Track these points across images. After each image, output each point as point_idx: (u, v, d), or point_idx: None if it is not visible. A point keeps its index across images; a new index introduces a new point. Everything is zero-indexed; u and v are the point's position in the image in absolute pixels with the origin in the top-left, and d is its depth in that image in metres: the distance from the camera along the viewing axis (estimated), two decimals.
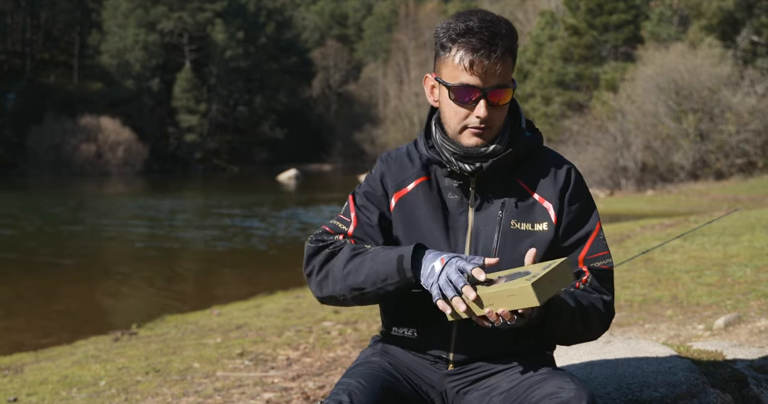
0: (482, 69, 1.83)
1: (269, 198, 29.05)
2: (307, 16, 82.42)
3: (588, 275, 1.95)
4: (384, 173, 2.04)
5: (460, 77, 1.86)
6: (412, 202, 2.00)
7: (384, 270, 1.84)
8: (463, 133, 1.92)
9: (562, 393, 1.74)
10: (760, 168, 26.96)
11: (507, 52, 1.85)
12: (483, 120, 1.88)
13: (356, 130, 66.63)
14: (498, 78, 1.85)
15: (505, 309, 1.68)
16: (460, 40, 1.84)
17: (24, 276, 11.03)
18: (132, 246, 15.09)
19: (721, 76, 27.22)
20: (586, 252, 1.96)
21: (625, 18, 34.42)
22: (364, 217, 2.00)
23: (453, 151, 1.94)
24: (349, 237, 1.99)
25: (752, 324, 4.37)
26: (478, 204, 1.97)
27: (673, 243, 8.55)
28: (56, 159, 49.52)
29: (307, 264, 1.99)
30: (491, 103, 1.87)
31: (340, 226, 2.02)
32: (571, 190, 1.98)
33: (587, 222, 1.98)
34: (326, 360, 4.71)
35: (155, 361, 5.09)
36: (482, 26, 1.84)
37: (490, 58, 1.83)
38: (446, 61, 1.88)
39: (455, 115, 1.91)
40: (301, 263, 2.02)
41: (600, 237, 1.98)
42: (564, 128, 33.16)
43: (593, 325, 1.92)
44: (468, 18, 1.86)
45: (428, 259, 1.80)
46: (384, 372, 1.94)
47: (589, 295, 1.93)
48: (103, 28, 61.72)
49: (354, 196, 2.05)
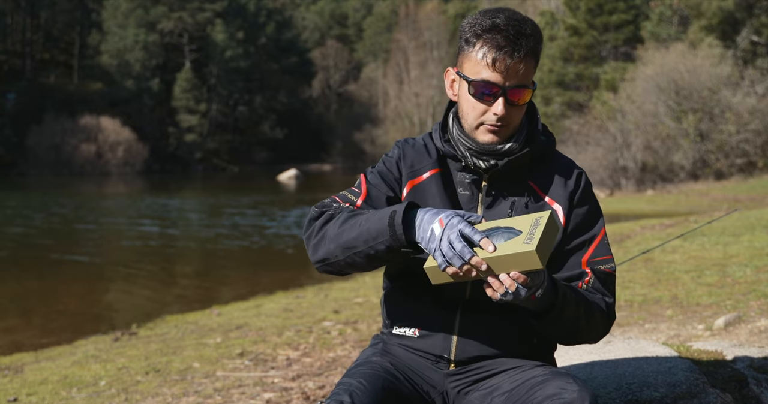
0: (504, 67, 1.83)
1: (269, 198, 29.06)
2: (307, 16, 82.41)
3: (591, 276, 1.95)
4: (401, 157, 2.04)
5: (482, 73, 1.86)
6: (424, 192, 1.99)
7: (376, 227, 1.78)
8: (479, 129, 1.92)
9: (565, 395, 1.74)
10: (760, 168, 26.97)
11: (530, 53, 1.85)
12: (500, 118, 1.88)
13: (356, 130, 66.61)
14: (519, 77, 1.85)
15: (518, 272, 1.64)
16: (486, 36, 1.84)
17: (24, 276, 11.03)
18: (132, 246, 15.09)
19: (721, 76, 27.23)
20: (590, 254, 1.97)
21: (625, 18, 34.43)
22: (375, 191, 1.99)
23: (469, 147, 1.94)
24: (357, 208, 1.96)
25: (752, 324, 4.37)
26: (489, 202, 1.97)
27: (673, 243, 8.55)
28: (56, 159, 49.51)
29: (307, 228, 1.95)
30: (510, 102, 1.87)
31: (350, 196, 1.99)
32: (580, 194, 1.99)
33: (593, 226, 1.99)
34: (326, 360, 4.71)
35: (155, 361, 5.09)
36: (508, 24, 1.84)
37: (513, 57, 1.83)
38: (469, 56, 1.88)
39: (473, 111, 1.91)
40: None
41: (604, 242, 1.99)
42: (564, 128, 33.16)
43: (596, 323, 1.91)
44: (495, 15, 1.87)
45: (425, 220, 1.73)
46: (385, 372, 1.94)
47: (592, 295, 1.93)
48: (103, 28, 61.72)
49: (366, 174, 2.04)
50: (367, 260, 1.83)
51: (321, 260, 1.91)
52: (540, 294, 1.72)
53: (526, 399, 1.81)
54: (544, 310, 1.81)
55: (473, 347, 1.96)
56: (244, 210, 23.00)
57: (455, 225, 1.68)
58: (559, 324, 1.85)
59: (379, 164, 2.07)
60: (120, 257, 13.65)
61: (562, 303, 1.80)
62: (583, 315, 1.86)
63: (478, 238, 1.66)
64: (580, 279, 1.95)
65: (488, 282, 1.68)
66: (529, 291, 1.68)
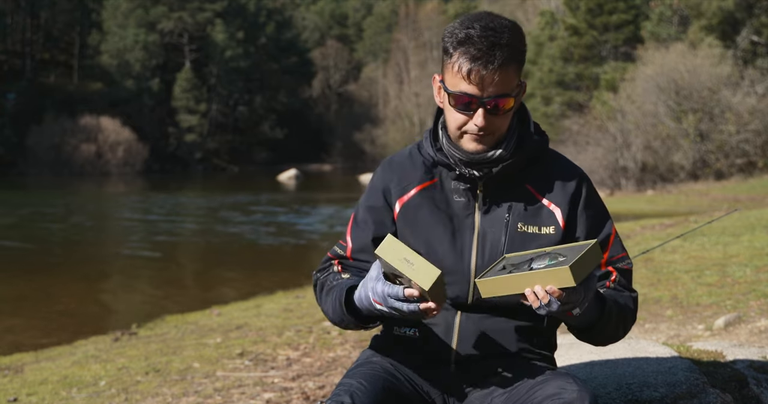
0: (479, 78, 1.83)
1: (269, 198, 29.05)
2: (307, 16, 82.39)
3: (616, 275, 1.99)
4: (385, 182, 2.05)
5: (459, 85, 1.86)
6: (415, 207, 2.00)
7: (339, 314, 1.94)
8: (463, 137, 1.93)
9: (565, 394, 1.74)
10: (760, 168, 26.96)
11: (508, 61, 1.83)
12: (481, 128, 1.88)
13: (356, 130, 66.60)
14: (496, 87, 1.84)
15: (554, 286, 1.68)
16: (460, 48, 1.84)
17: (24, 276, 11.02)
18: (132, 246, 15.08)
19: (721, 76, 27.21)
20: (608, 254, 2.00)
21: (625, 18, 34.42)
22: (360, 237, 2.04)
23: (460, 157, 1.95)
24: (348, 260, 2.05)
25: (752, 324, 4.38)
26: (486, 208, 1.97)
27: (673, 243, 8.55)
28: (56, 159, 49.48)
29: (314, 294, 2.12)
30: (490, 112, 1.87)
31: (339, 251, 2.08)
32: (585, 197, 1.99)
33: (604, 227, 2.01)
34: (326, 360, 4.71)
35: (155, 361, 5.09)
36: (482, 35, 1.82)
37: (487, 69, 1.82)
38: (447, 67, 1.89)
39: (455, 121, 1.91)
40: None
41: (618, 239, 2.02)
42: (564, 128, 33.16)
43: (629, 324, 1.98)
44: (471, 25, 1.85)
45: (364, 303, 1.83)
46: (385, 373, 1.94)
47: (621, 294, 1.97)
48: (103, 28, 61.69)
49: (355, 213, 2.09)
50: (357, 328, 1.97)
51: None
52: (578, 312, 1.75)
53: (525, 398, 1.81)
54: (585, 328, 1.88)
55: (473, 347, 1.96)
56: (245, 211, 22.99)
57: (382, 294, 1.77)
58: (598, 337, 1.94)
59: (364, 197, 2.10)
60: (120, 257, 13.65)
61: (604, 323, 1.87)
62: (621, 324, 1.94)
63: (401, 293, 1.73)
64: (606, 279, 1.98)
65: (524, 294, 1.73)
66: (563, 307, 1.71)
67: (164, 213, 22.48)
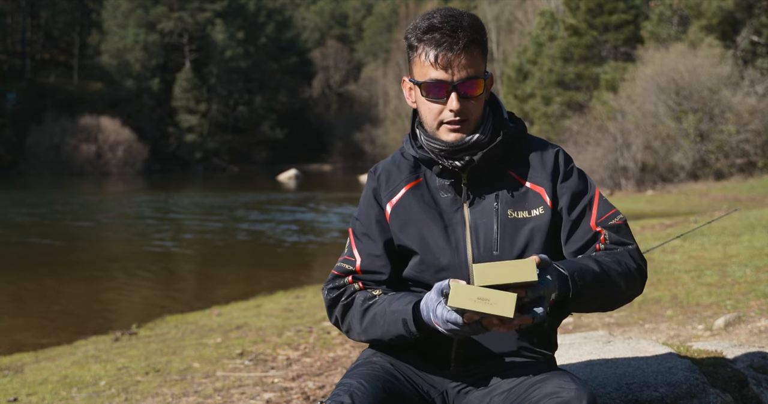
0: (446, 61, 1.86)
1: (269, 198, 29.05)
2: (307, 16, 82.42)
3: (604, 232, 1.96)
4: (375, 189, 2.07)
5: (429, 73, 1.88)
6: (405, 208, 2.01)
7: (395, 330, 1.90)
8: (440, 128, 1.94)
9: (563, 393, 1.74)
10: (760, 168, 26.95)
11: (472, 44, 1.87)
12: (457, 112, 1.90)
13: (356, 130, 66.65)
14: (466, 70, 1.87)
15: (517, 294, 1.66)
16: (425, 37, 1.88)
17: (24, 276, 11.03)
18: (132, 246, 15.09)
19: (721, 76, 27.21)
20: (596, 215, 1.98)
21: (625, 18, 34.41)
22: (366, 250, 2.03)
23: (440, 149, 1.95)
24: (358, 274, 2.02)
25: (752, 324, 4.38)
26: (472, 200, 1.98)
27: (673, 243, 8.55)
28: (56, 159, 49.53)
29: (330, 316, 2.07)
30: (463, 95, 1.89)
31: (347, 267, 2.04)
32: (563, 171, 2.00)
33: (587, 190, 2.00)
34: (326, 360, 4.71)
35: (155, 361, 5.09)
36: (443, 21, 1.87)
37: (453, 50, 1.85)
38: (415, 61, 1.92)
39: (430, 112, 1.93)
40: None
41: (603, 199, 2.01)
42: (564, 128, 33.16)
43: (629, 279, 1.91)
44: (431, 16, 1.90)
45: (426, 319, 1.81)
46: (385, 373, 1.94)
47: (613, 252, 1.94)
48: (103, 28, 61.74)
49: (353, 227, 2.08)
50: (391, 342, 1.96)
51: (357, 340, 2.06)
52: (556, 296, 1.75)
53: (524, 398, 1.81)
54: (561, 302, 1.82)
55: (473, 347, 1.97)
56: (245, 211, 23.00)
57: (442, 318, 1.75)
58: (584, 305, 1.88)
59: (359, 210, 2.10)
60: (120, 257, 13.65)
61: (577, 293, 1.80)
62: (608, 286, 1.87)
63: (461, 321, 1.71)
64: (596, 240, 1.96)
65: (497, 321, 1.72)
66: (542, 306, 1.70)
67: (164, 213, 22.48)
